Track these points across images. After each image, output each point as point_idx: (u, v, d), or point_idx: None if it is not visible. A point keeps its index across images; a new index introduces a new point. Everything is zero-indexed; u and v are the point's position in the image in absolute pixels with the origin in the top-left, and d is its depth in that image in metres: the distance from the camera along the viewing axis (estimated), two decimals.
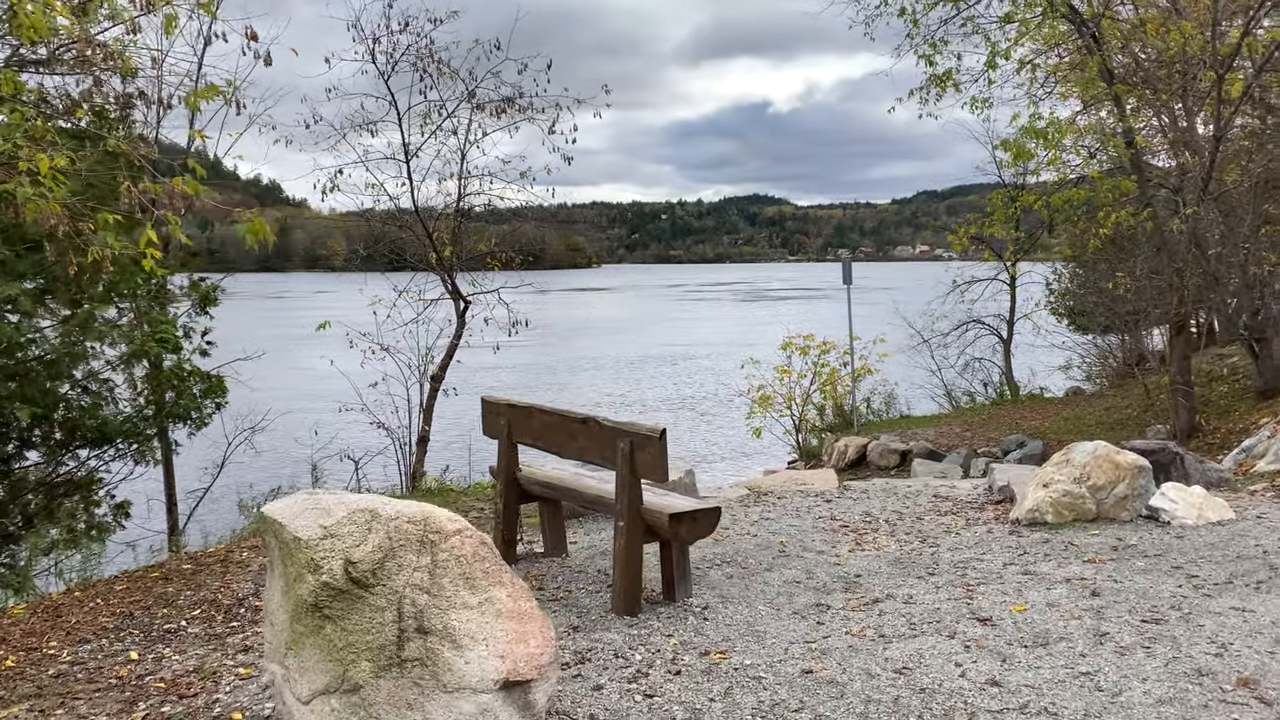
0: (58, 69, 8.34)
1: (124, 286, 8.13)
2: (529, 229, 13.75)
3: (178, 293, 8.95)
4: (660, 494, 5.26)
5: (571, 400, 25.93)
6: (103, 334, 7.40)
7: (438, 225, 11.98)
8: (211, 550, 7.70)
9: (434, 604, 3.52)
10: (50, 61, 8.31)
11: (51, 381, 7.46)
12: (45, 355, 7.43)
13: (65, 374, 7.55)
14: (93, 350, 7.68)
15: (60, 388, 7.55)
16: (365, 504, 3.59)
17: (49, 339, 7.37)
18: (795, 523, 7.02)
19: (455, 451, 13.60)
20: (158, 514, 10.59)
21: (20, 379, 7.36)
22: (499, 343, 11.93)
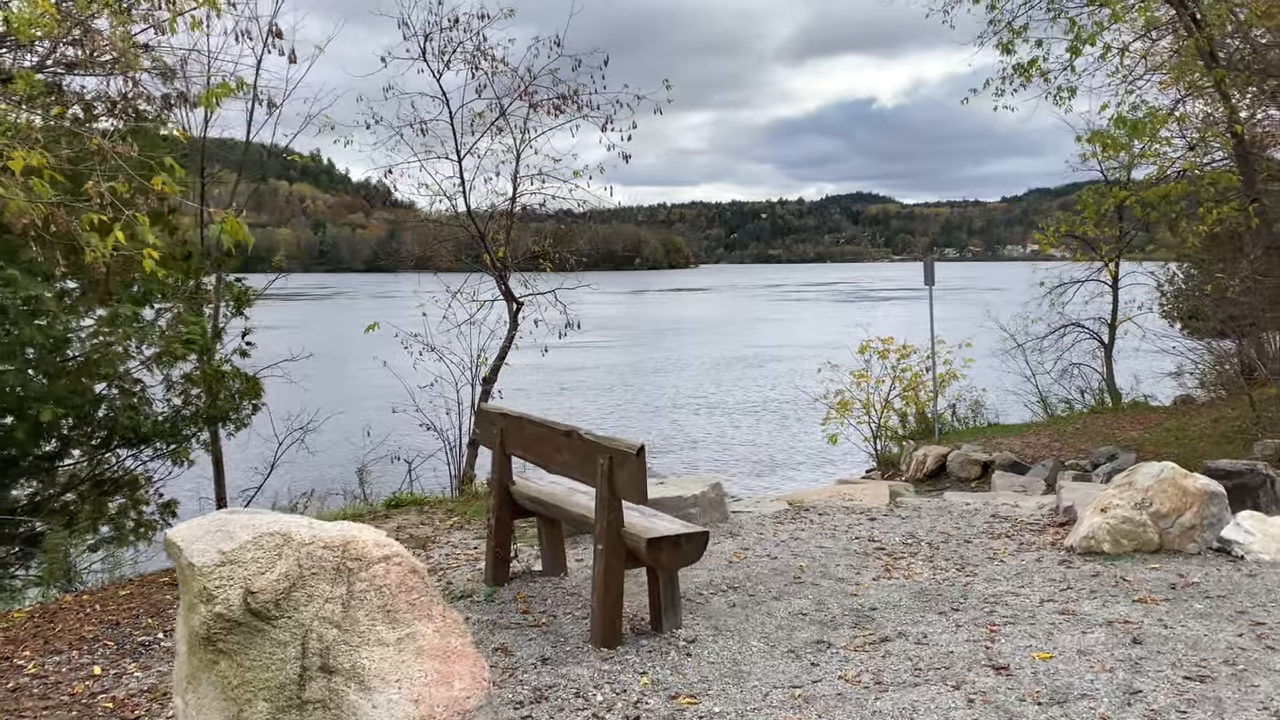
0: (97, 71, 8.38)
1: (158, 287, 8.13)
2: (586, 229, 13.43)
3: (214, 292, 8.94)
4: (648, 515, 4.85)
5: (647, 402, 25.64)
6: (129, 335, 7.38)
7: (490, 226, 11.78)
8: None
9: (344, 640, 3.21)
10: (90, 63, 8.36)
11: (83, 381, 7.49)
12: (76, 356, 7.46)
13: (96, 374, 7.57)
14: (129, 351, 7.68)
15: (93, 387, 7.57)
16: (279, 527, 3.31)
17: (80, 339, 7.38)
18: (826, 544, 6.51)
19: None
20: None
21: (51, 379, 7.41)
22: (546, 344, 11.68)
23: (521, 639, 4.68)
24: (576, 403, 25.58)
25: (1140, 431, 15.45)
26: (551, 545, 5.76)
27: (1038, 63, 12.65)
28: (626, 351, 39.28)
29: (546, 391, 27.63)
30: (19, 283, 6.79)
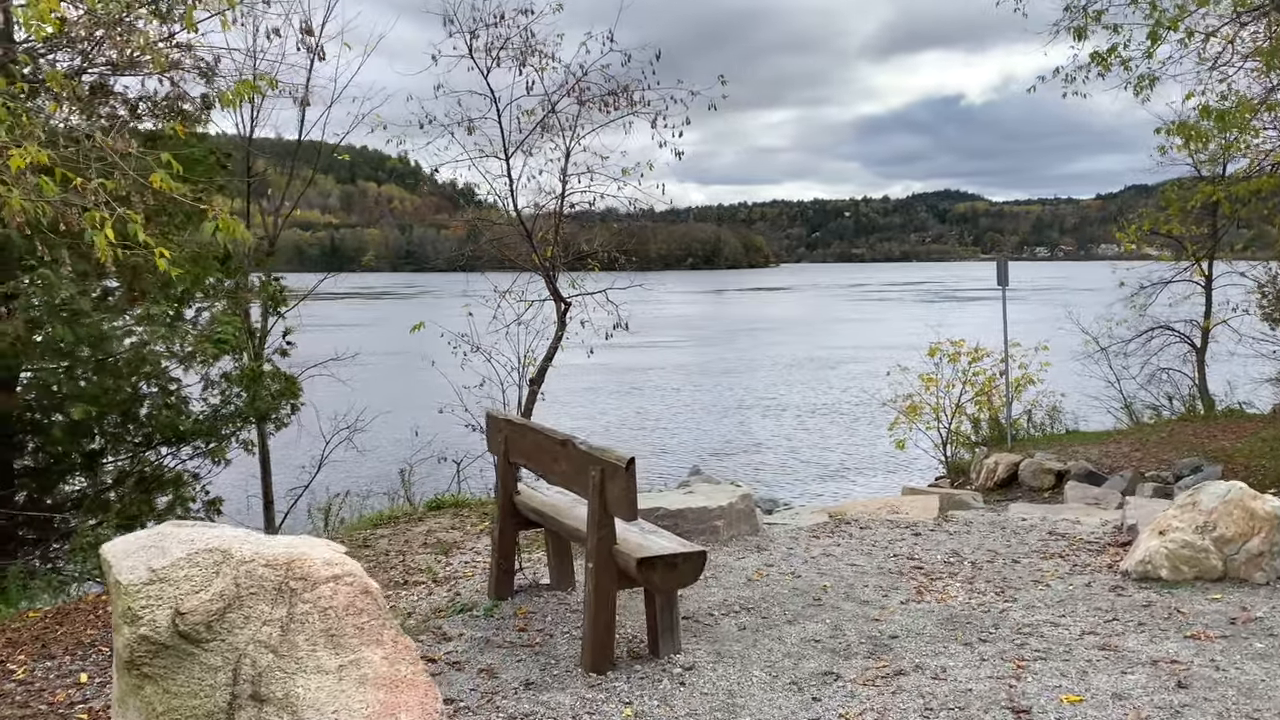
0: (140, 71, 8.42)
1: (197, 287, 8.15)
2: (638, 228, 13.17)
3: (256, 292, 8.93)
4: (646, 531, 4.56)
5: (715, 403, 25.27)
6: (160, 335, 7.39)
7: (538, 225, 11.61)
8: None
9: (279, 666, 3.00)
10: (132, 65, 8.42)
11: (117, 380, 7.53)
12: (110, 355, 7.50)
13: (132, 373, 7.60)
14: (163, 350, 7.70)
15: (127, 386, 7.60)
16: (219, 543, 3.12)
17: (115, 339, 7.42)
18: (859, 562, 6.11)
19: None
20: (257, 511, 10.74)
21: (85, 378, 7.46)
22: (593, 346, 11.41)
23: (510, 659, 4.43)
24: (642, 403, 25.38)
25: (1232, 441, 14.50)
26: (559, 558, 5.51)
27: (1117, 50, 11.95)
28: (698, 351, 38.95)
29: (614, 391, 27.50)
30: (53, 284, 6.83)
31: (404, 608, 5.41)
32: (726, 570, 5.82)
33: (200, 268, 7.86)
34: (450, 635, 4.81)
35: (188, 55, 8.66)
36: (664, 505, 6.45)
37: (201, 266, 7.87)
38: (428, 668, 4.26)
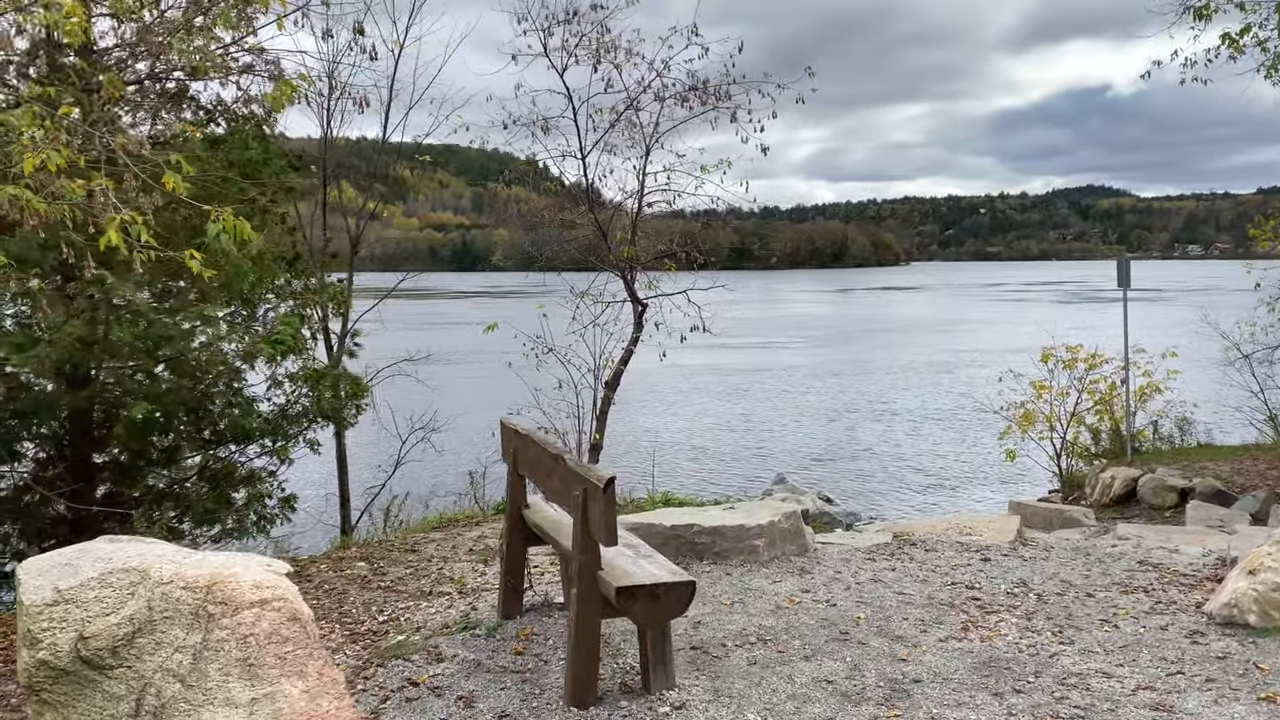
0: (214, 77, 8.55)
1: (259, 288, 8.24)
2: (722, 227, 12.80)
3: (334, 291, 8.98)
4: (641, 555, 4.23)
5: (827, 407, 24.55)
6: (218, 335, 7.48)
7: (615, 224, 11.38)
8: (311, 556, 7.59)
9: (185, 697, 2.82)
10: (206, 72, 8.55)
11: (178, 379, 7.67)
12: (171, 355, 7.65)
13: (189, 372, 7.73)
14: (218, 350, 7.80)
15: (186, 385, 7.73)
16: (138, 562, 2.97)
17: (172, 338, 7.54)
18: (908, 590, 5.62)
19: (633, 460, 13.01)
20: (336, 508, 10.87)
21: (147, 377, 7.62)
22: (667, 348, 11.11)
23: (494, 687, 4.18)
24: (748, 406, 24.87)
25: None
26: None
27: (1251, 29, 10.91)
28: (813, 353, 38.07)
29: (720, 392, 27.09)
30: (113, 284, 6.98)
31: (415, 622, 5.25)
32: (756, 595, 5.43)
33: (262, 269, 7.92)
34: (445, 656, 4.60)
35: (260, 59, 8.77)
36: (699, 522, 6.10)
37: (263, 268, 7.93)
38: (408, 692, 4.07)
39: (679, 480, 14.82)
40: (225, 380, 7.95)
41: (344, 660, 4.62)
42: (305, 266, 8.93)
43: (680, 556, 6.04)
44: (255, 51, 8.63)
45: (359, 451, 11.29)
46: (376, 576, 6.51)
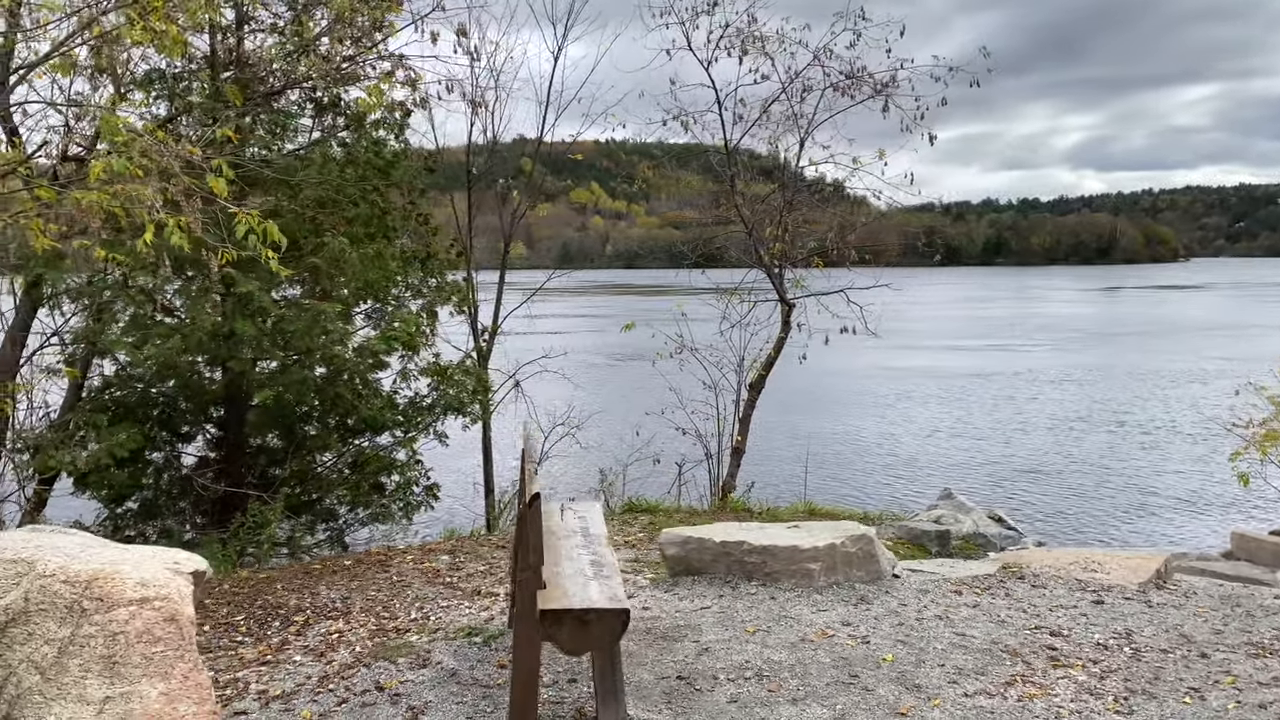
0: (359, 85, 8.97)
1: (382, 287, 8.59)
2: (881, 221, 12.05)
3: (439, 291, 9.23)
4: (602, 575, 3.94)
5: (1033, 415, 22.62)
6: (335, 331, 7.83)
7: (761, 221, 10.97)
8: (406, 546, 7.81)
9: (41, 690, 2.89)
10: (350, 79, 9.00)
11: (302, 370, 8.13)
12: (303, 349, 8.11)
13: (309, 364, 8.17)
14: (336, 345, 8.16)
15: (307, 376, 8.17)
16: (28, 553, 3.09)
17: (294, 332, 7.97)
18: (972, 633, 4.96)
19: (786, 467, 12.46)
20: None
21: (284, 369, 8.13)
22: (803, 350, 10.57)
23: (451, 701, 4.06)
24: (963, 411, 23.35)
25: None
26: None
27: None
28: (1054, 356, 35.25)
29: (936, 397, 25.64)
30: (237, 280, 7.48)
31: (440, 622, 5.23)
32: (787, 625, 4.98)
33: (381, 270, 8.23)
34: (430, 662, 4.53)
35: (399, 66, 9.13)
36: (749, 540, 5.69)
37: (383, 269, 8.23)
38: (367, 697, 4.03)
39: (841, 489, 14.13)
40: (352, 371, 8.32)
41: (340, 657, 4.66)
42: (436, 265, 9.20)
43: (730, 575, 5.69)
44: (391, 58, 9.00)
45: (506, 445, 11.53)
46: (450, 572, 6.58)
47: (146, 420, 8.59)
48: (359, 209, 8.15)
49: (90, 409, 8.17)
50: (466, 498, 11.49)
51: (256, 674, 4.48)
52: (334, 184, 7.77)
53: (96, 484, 8.09)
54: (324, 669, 4.50)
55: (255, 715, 3.97)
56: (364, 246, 8.01)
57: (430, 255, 9.26)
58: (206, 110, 7.80)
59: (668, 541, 5.84)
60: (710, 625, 4.97)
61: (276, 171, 7.69)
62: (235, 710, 4.03)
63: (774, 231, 11.02)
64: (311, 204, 7.82)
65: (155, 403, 8.65)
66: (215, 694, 3.22)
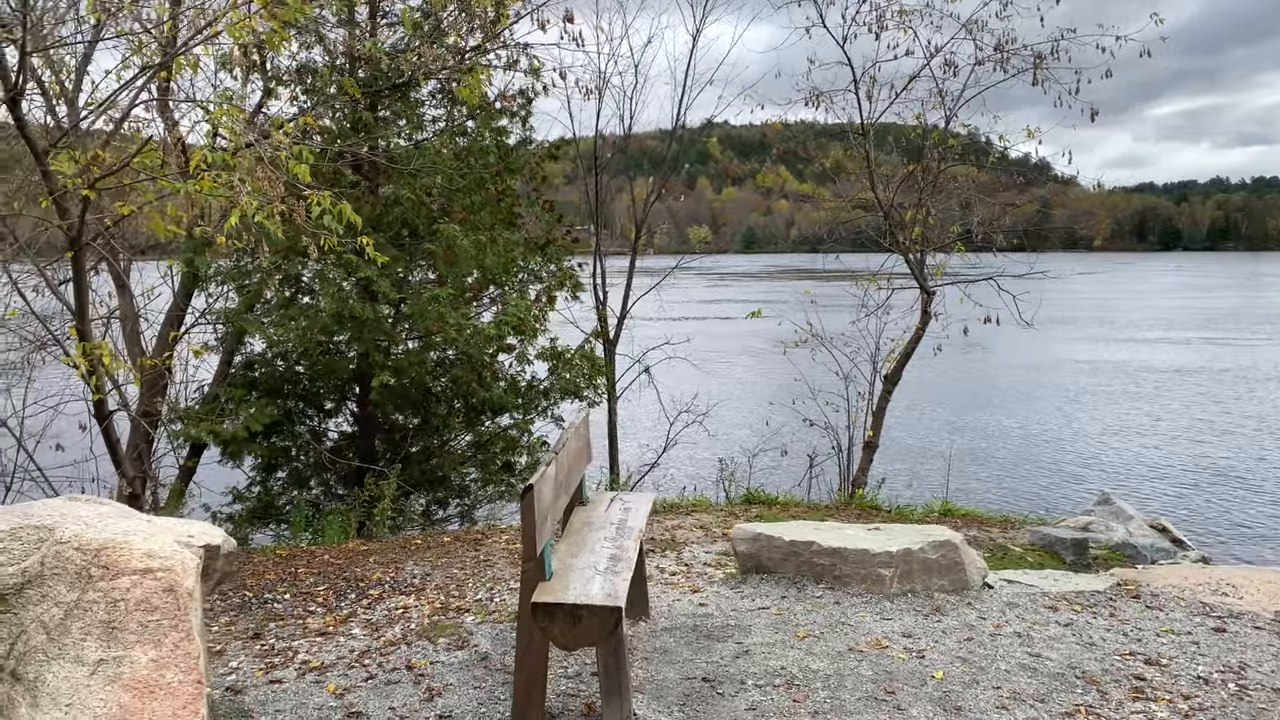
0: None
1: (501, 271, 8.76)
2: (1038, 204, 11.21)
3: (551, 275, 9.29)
4: (609, 571, 3.83)
5: (1234, 416, 20.52)
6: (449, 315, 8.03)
7: (900, 206, 10.45)
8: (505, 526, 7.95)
9: (46, 648, 3.11)
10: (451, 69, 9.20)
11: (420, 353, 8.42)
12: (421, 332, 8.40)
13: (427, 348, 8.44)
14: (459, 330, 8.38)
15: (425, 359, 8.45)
16: (50, 520, 3.32)
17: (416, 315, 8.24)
18: (1050, 654, 4.53)
19: (927, 464, 11.76)
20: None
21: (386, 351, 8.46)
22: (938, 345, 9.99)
23: (470, 685, 4.08)
24: (1157, 408, 21.55)
25: None
26: (633, 579, 4.91)
27: None
28: (1265, 352, 31.97)
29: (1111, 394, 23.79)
30: (359, 266, 7.82)
31: (495, 605, 5.28)
32: (842, 632, 4.71)
33: (497, 256, 8.38)
34: (467, 644, 4.58)
35: (523, 54, 9.26)
36: (819, 541, 5.42)
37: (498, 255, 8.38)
38: (395, 675, 4.13)
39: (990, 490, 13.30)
40: (471, 354, 8.54)
41: (390, 634, 4.79)
42: (556, 250, 9.29)
43: (799, 576, 5.45)
44: (517, 47, 9.13)
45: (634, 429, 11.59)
46: None
47: (286, 396, 9.15)
48: (474, 197, 8.33)
49: (235, 384, 8.77)
50: (592, 481, 11.61)
51: (310, 644, 4.66)
52: (449, 173, 7.96)
53: (236, 453, 8.69)
54: (369, 644, 4.63)
55: (289, 685, 4.12)
56: (479, 233, 8.17)
57: (549, 242, 9.36)
58: (329, 103, 8.18)
59: (739, 537, 5.66)
60: (761, 627, 4.77)
61: (395, 161, 7.96)
62: (273, 679, 4.21)
63: (915, 215, 10.49)
64: (429, 192, 8.05)
65: (295, 380, 9.18)
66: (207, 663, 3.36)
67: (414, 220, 8.20)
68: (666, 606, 5.12)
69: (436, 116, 9.02)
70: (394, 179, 8.19)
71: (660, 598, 5.30)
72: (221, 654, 4.57)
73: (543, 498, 3.60)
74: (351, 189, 8.53)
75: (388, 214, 8.05)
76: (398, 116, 8.55)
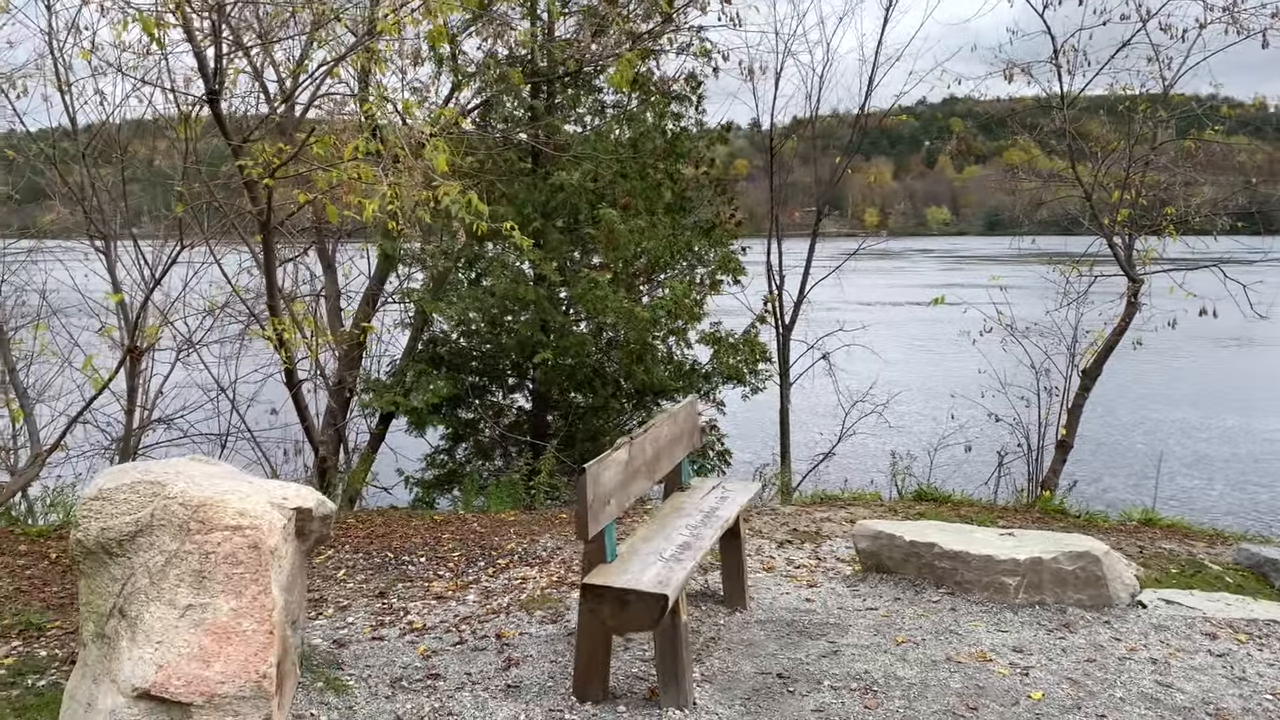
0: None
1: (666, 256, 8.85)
2: None
3: None
4: (669, 559, 3.79)
5: None
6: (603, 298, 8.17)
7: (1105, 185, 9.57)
8: None
9: (148, 590, 3.48)
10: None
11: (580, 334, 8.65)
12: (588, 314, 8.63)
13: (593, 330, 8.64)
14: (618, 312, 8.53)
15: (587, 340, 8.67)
16: (163, 477, 3.70)
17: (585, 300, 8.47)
18: (1188, 687, 4.07)
19: (1126, 467, 10.68)
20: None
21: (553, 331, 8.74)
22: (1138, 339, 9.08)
23: (545, 661, 4.18)
24: None
25: None
26: (729, 568, 4.84)
27: None
28: None
29: None
30: (529, 251, 8.15)
31: None
32: (945, 639, 4.43)
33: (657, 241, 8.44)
34: (560, 618, 4.69)
35: (695, 37, 9.27)
36: (941, 543, 5.10)
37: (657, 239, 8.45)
38: (482, 643, 4.33)
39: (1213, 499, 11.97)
40: (631, 336, 8.69)
41: (496, 603, 4.98)
42: (723, 234, 9.24)
43: (920, 578, 5.18)
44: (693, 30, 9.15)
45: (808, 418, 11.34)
46: None
47: (468, 373, 9.67)
48: (636, 182, 8.43)
49: (419, 360, 9.37)
50: (768, 467, 11.49)
51: (424, 606, 4.94)
52: (606, 159, 8.11)
53: (419, 424, 9.29)
54: (475, 610, 4.85)
55: (388, 643, 4.40)
56: (638, 218, 8.28)
57: (714, 226, 9.32)
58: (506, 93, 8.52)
59: (860, 535, 5.44)
60: (861, 628, 4.58)
61: (561, 149, 8.19)
62: (377, 636, 4.50)
63: (1122, 194, 9.59)
64: (593, 178, 8.23)
65: (474, 357, 9.69)
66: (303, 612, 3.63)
67: (578, 205, 8.41)
68: (771, 599, 5.02)
69: (607, 103, 9.19)
70: (562, 166, 8.43)
71: (770, 590, 5.20)
72: (346, 609, 4.94)
73: (601, 480, 3.63)
74: (525, 176, 8.87)
75: (552, 199, 8.30)
76: (569, 105, 8.78)
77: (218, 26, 6.37)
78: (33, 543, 6.15)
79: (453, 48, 9.10)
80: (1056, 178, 10.32)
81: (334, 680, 3.96)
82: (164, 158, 8.03)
